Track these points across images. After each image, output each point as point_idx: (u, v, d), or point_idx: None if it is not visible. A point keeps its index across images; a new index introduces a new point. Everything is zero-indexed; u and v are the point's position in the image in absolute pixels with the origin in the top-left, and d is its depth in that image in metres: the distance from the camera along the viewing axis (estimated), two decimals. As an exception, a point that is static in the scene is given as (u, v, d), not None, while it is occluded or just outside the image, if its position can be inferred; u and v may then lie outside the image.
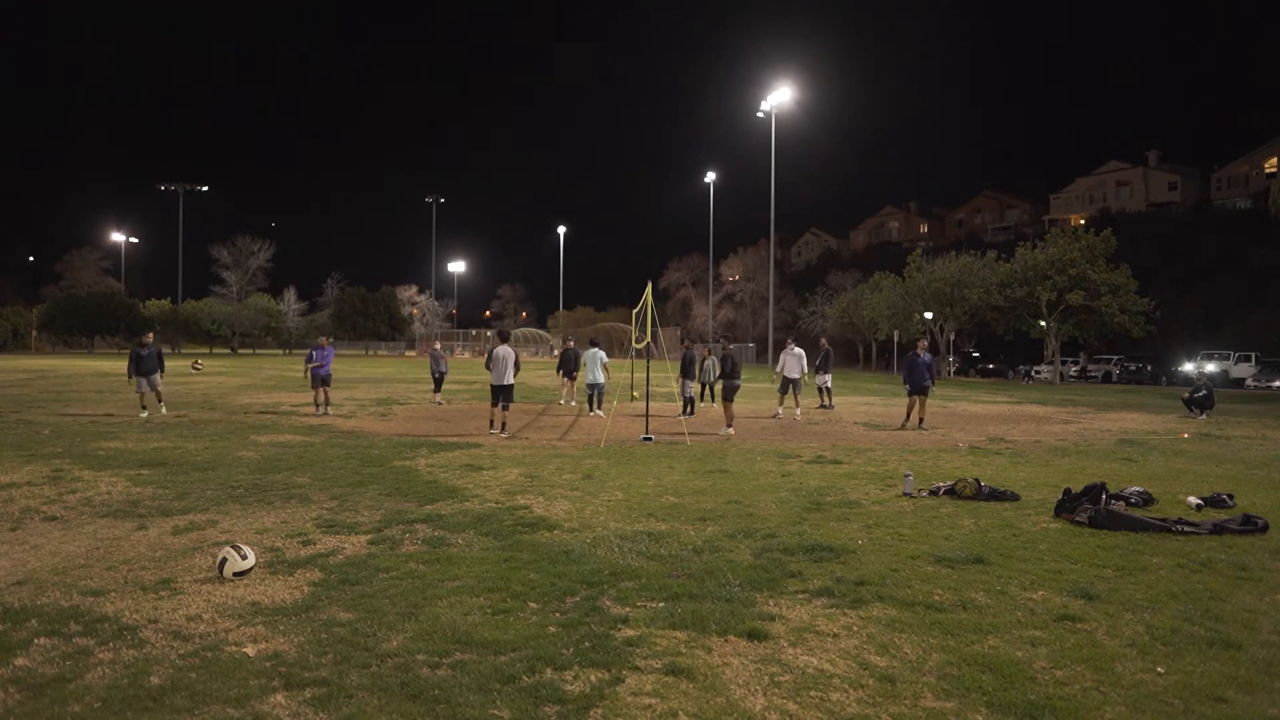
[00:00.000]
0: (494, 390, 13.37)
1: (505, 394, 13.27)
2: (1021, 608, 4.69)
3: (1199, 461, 11.07)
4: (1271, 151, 62.93)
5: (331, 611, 4.49)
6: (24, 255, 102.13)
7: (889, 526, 6.76)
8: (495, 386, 13.31)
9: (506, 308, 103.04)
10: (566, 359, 19.52)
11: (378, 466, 9.67)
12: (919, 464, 10.30)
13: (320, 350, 16.78)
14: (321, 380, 16.40)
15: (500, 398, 13.27)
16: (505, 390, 13.26)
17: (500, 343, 13.61)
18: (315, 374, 16.45)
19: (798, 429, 14.92)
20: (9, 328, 71.00)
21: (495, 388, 13.33)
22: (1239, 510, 7.44)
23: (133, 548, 5.85)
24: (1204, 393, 18.93)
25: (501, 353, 13.31)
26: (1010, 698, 3.49)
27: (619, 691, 3.52)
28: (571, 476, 9.18)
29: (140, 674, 3.63)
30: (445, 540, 6.13)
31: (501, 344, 13.57)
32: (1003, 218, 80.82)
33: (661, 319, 22.62)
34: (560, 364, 19.73)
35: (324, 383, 16.42)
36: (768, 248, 59.11)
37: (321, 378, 16.42)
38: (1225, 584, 5.21)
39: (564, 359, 19.65)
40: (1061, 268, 37.34)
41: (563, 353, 20.02)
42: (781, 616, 4.50)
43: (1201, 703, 3.48)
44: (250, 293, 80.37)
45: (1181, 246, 55.99)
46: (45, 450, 10.57)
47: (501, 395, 13.26)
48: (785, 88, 51.97)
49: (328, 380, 16.54)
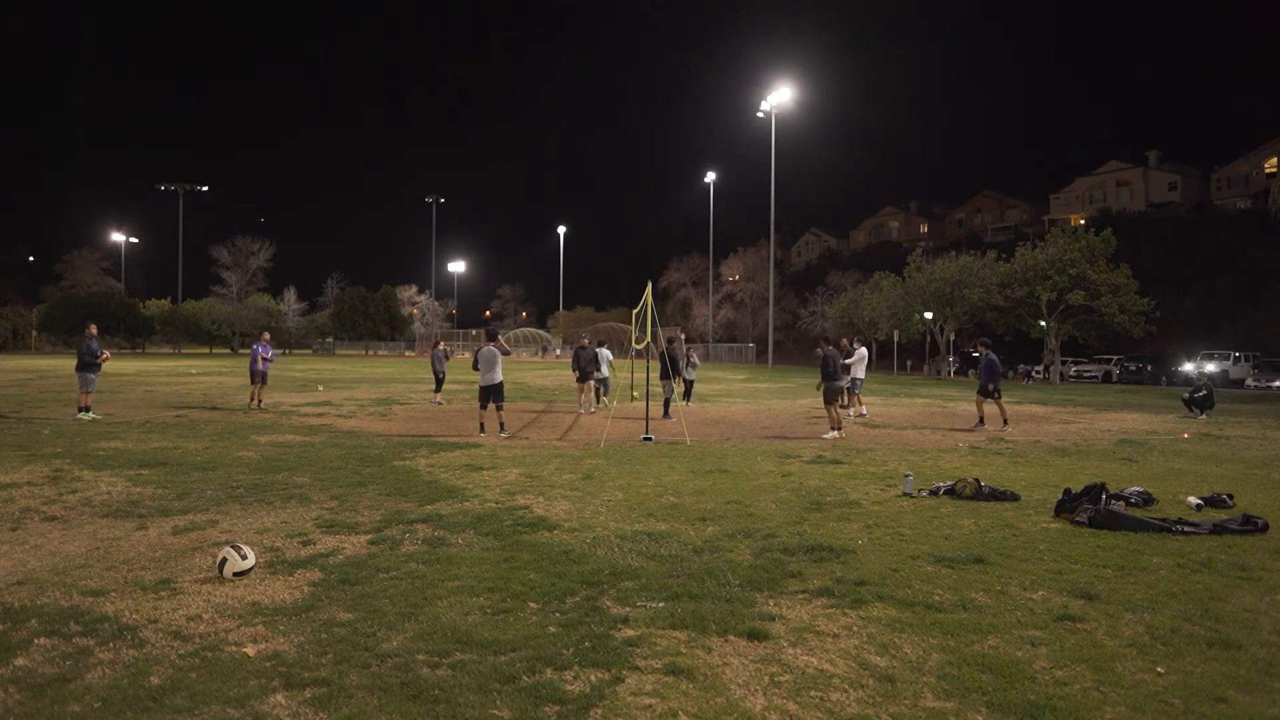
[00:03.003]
0: (482, 391, 13.01)
1: (495, 393, 12.96)
2: (1021, 608, 4.69)
3: (1199, 461, 11.06)
4: (1271, 151, 62.92)
5: (331, 611, 4.49)
6: (24, 255, 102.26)
7: (889, 526, 6.76)
8: (484, 387, 12.99)
9: (506, 308, 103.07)
10: (580, 359, 18.18)
11: (378, 466, 9.67)
12: (919, 464, 10.30)
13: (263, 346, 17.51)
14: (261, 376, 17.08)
15: (490, 397, 12.95)
16: (495, 389, 12.94)
17: (487, 341, 13.22)
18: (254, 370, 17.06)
19: (799, 429, 14.92)
20: (9, 328, 71.04)
21: (484, 389, 12.97)
22: (1239, 510, 7.44)
23: (133, 548, 5.85)
24: (1204, 393, 18.93)
25: (486, 352, 12.98)
26: (1010, 698, 3.49)
27: (619, 691, 3.52)
28: (571, 476, 9.18)
29: (140, 674, 3.63)
30: (445, 540, 6.13)
31: (488, 343, 13.18)
32: (1003, 218, 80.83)
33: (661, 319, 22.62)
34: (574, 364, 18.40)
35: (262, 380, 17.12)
36: (768, 248, 59.15)
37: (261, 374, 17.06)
38: (1225, 584, 5.20)
39: (577, 359, 18.31)
40: (1061, 268, 37.31)
41: (575, 352, 18.66)
42: (781, 616, 4.50)
43: (1201, 703, 3.48)
44: (250, 293, 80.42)
45: (1181, 246, 56.00)
46: (45, 450, 10.56)
47: (491, 395, 12.94)
48: (785, 88, 52.08)
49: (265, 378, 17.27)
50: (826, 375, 13.75)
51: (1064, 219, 62.98)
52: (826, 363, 13.84)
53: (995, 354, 15.50)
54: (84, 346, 14.81)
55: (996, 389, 15.03)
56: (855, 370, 17.33)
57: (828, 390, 13.68)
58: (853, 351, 18.38)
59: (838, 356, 13.92)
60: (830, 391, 13.65)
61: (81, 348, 14.80)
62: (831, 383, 13.65)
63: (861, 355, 17.47)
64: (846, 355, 19.13)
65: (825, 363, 13.88)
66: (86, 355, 14.67)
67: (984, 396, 15.16)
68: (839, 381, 13.71)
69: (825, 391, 13.75)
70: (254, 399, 17.12)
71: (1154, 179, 70.25)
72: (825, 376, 13.78)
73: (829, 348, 14.20)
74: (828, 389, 13.68)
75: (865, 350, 17.84)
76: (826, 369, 13.79)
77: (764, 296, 62.90)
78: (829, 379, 13.68)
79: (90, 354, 14.70)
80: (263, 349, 17.43)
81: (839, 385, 13.71)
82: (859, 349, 17.65)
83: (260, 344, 17.61)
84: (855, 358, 17.36)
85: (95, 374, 14.84)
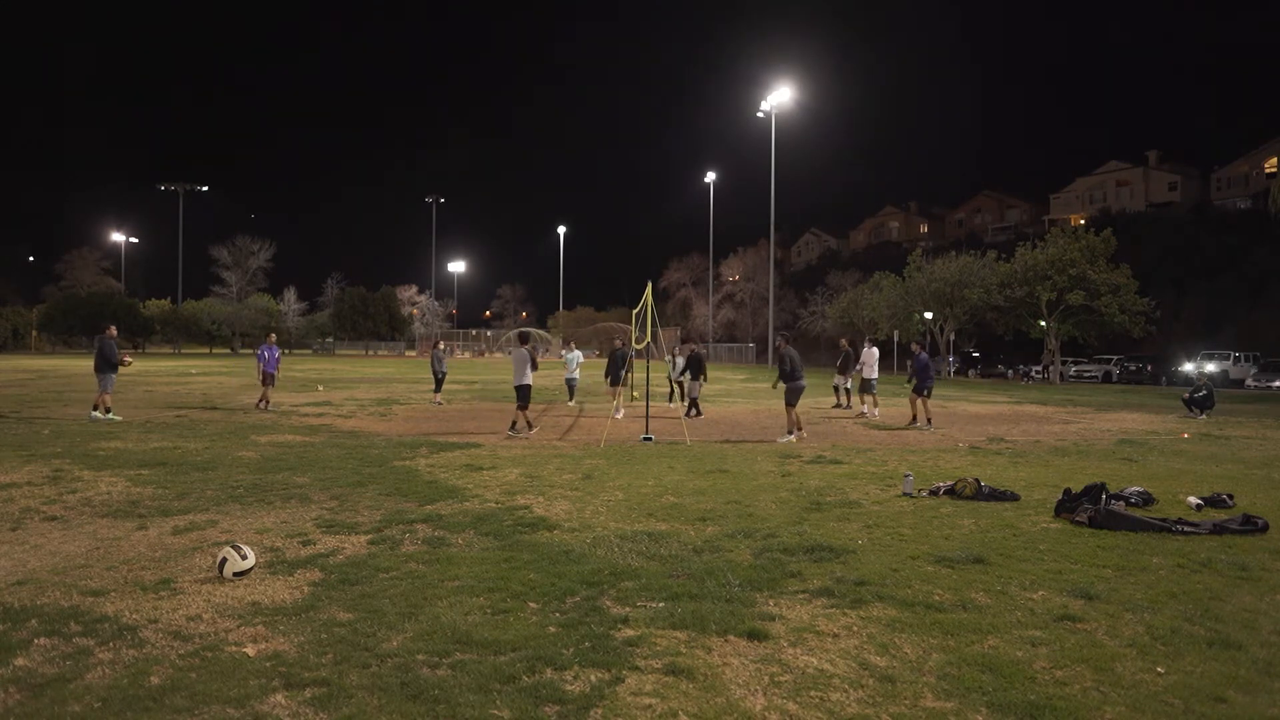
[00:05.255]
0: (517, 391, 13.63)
1: (521, 394, 13.53)
2: (1021, 608, 4.69)
3: (1199, 461, 11.06)
4: (1271, 151, 62.91)
5: (331, 611, 4.49)
6: (24, 255, 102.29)
7: (889, 526, 6.76)
8: (516, 387, 13.61)
9: (506, 308, 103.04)
10: (615, 362, 17.82)
11: (378, 466, 9.67)
12: (919, 464, 10.30)
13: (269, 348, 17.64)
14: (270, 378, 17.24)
15: (521, 398, 13.55)
16: (521, 390, 13.51)
17: (520, 344, 14.11)
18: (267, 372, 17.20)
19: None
20: (9, 328, 70.98)
21: (516, 388, 13.60)
22: (1239, 510, 7.44)
23: (133, 548, 5.85)
24: (1204, 393, 18.94)
25: (519, 354, 13.71)
26: (1010, 698, 3.49)
27: (619, 691, 3.52)
28: (571, 476, 9.18)
29: (140, 674, 3.63)
30: (445, 540, 6.13)
31: (521, 345, 14.04)
32: (1003, 218, 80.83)
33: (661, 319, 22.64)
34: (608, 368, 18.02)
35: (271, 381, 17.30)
36: (768, 248, 59.18)
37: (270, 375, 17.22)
38: (1225, 584, 5.20)
39: (612, 362, 17.94)
40: (1061, 268, 37.33)
41: (611, 355, 18.29)
42: (781, 616, 4.50)
43: (1201, 703, 3.48)
44: (250, 293, 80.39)
45: (1181, 246, 56.00)
46: (45, 450, 10.56)
47: (518, 396, 13.56)
48: (785, 88, 52.14)
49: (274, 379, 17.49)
50: (785, 376, 12.79)
51: (1064, 219, 62.96)
52: (784, 362, 12.89)
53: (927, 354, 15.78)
54: (106, 347, 14.85)
55: (927, 388, 15.06)
56: (867, 371, 17.41)
57: (788, 392, 12.73)
58: (852, 352, 18.41)
59: (797, 355, 12.98)
60: (791, 393, 12.70)
61: (105, 349, 14.79)
62: (793, 383, 12.68)
63: (876, 354, 17.58)
64: (845, 356, 19.19)
65: (783, 362, 12.92)
66: (109, 356, 14.72)
67: (917, 395, 15.18)
68: (800, 382, 12.74)
69: (786, 394, 12.76)
70: (263, 400, 17.12)
71: (1154, 179, 70.24)
72: (784, 377, 12.81)
73: (787, 346, 13.31)
74: (789, 390, 12.71)
75: (876, 350, 17.89)
76: (784, 368, 12.81)
77: (764, 296, 62.90)
78: (789, 379, 12.72)
79: (111, 354, 14.78)
80: (269, 350, 17.51)
81: (800, 385, 12.73)
82: (871, 349, 17.74)
83: (266, 345, 17.70)
84: (865, 358, 17.45)
85: (114, 374, 14.89)
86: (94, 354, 14.98)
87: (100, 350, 14.80)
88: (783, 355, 13.15)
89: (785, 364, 12.97)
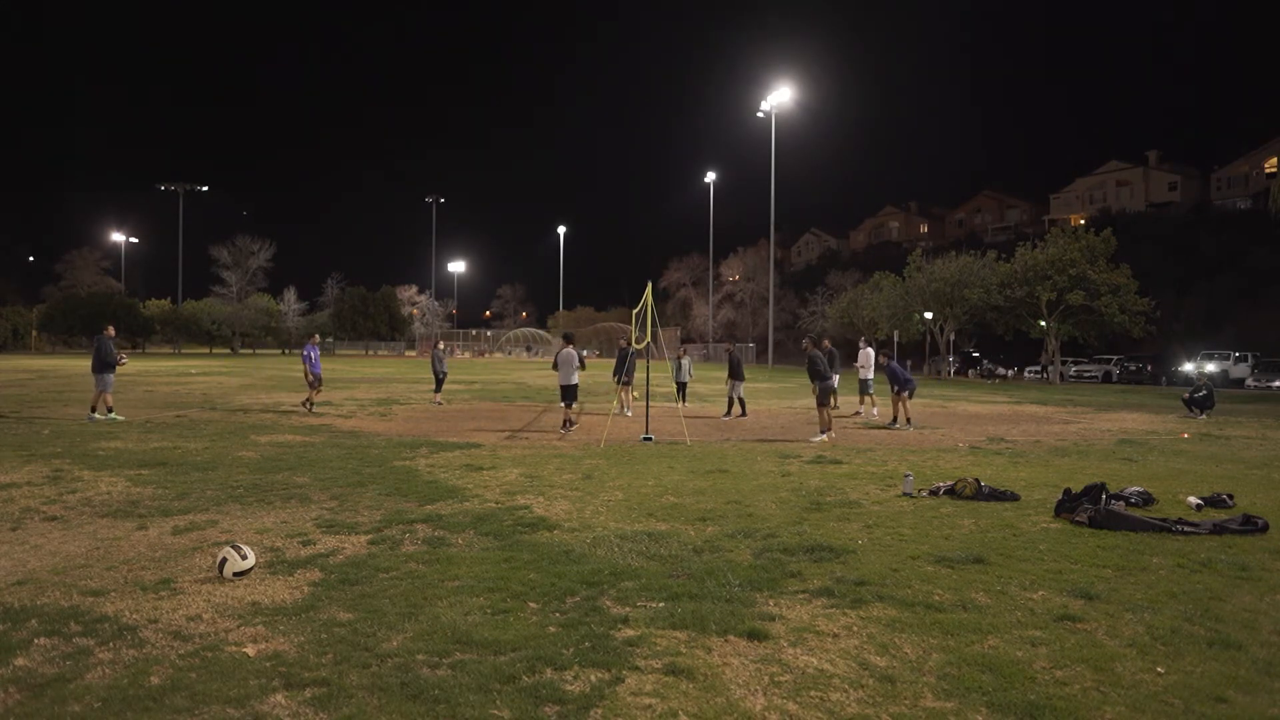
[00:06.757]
0: (562, 390, 14.03)
1: (570, 393, 13.91)
2: (1021, 608, 4.69)
3: (1199, 461, 11.06)
4: (1271, 151, 62.94)
5: (331, 611, 4.49)
6: (24, 255, 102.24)
7: (889, 526, 6.76)
8: (563, 386, 13.97)
9: (506, 308, 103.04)
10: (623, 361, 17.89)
11: (378, 466, 9.67)
12: (919, 464, 10.30)
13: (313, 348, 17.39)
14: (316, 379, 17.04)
15: (567, 397, 13.93)
16: (569, 390, 13.89)
17: (565, 345, 14.36)
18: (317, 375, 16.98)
19: (798, 428, 14.91)
20: (9, 328, 70.98)
21: (563, 388, 13.98)
22: (1239, 510, 7.44)
23: (133, 548, 5.85)
24: (1204, 393, 18.93)
25: (566, 354, 14.03)
26: (1010, 698, 3.49)
27: (619, 691, 3.52)
28: (571, 476, 9.18)
29: (140, 674, 3.63)
30: (445, 540, 6.13)
31: (566, 346, 14.30)
32: (1003, 218, 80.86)
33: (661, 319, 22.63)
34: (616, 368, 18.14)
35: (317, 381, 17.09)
36: (768, 248, 59.22)
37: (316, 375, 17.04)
38: (1225, 584, 5.20)
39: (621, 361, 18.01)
40: (1061, 268, 37.31)
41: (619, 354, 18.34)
42: (781, 616, 4.50)
43: (1201, 703, 3.48)
44: (250, 293, 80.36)
45: (1181, 246, 56.01)
46: (45, 450, 10.56)
47: (568, 394, 13.91)
48: (785, 88, 52.15)
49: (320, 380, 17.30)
50: (818, 375, 13.50)
51: (1064, 219, 63.00)
52: (813, 363, 13.59)
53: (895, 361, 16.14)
54: (103, 347, 14.78)
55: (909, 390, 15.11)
56: (864, 371, 17.40)
57: (822, 391, 13.46)
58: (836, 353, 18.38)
59: (822, 357, 13.71)
60: (824, 392, 13.43)
61: (103, 349, 14.71)
62: (825, 383, 13.43)
63: (871, 354, 17.57)
64: (830, 355, 19.26)
65: (812, 363, 13.63)
66: (106, 356, 14.66)
67: (898, 396, 15.20)
68: (831, 381, 13.53)
69: (819, 393, 13.53)
70: (309, 401, 16.77)
71: (1154, 179, 70.26)
72: (817, 377, 13.54)
73: (813, 349, 14.11)
74: (822, 389, 13.46)
75: (873, 351, 17.87)
76: (816, 369, 13.50)
77: (764, 296, 62.92)
78: (821, 379, 13.43)
79: (109, 354, 14.70)
80: (313, 350, 17.07)
81: (831, 384, 13.55)
82: (867, 349, 17.75)
83: (311, 345, 17.25)
84: (862, 359, 17.44)
85: (112, 374, 14.82)
86: (91, 354, 14.97)
87: (98, 350, 14.78)
88: (809, 357, 13.97)
89: (817, 364, 13.62)
